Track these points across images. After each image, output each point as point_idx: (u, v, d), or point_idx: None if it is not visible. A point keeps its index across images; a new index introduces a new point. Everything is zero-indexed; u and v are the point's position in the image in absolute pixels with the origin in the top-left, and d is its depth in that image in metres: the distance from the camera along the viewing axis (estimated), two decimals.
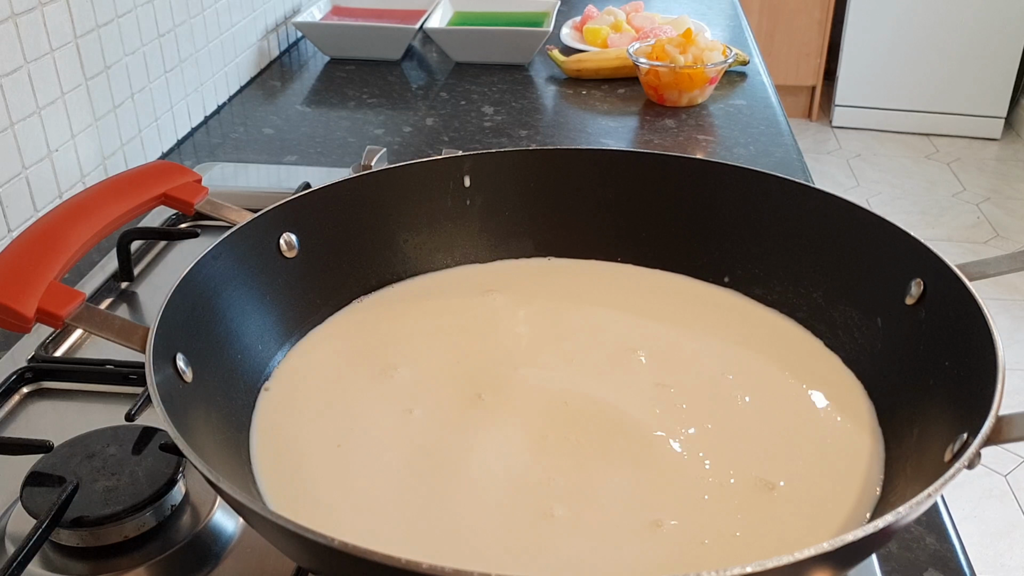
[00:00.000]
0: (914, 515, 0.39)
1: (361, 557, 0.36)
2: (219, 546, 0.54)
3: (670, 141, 1.14)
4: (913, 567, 0.54)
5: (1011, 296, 2.50)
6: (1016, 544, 1.79)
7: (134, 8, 1.01)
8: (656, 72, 1.21)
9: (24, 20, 0.83)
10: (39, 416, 0.66)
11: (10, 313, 0.49)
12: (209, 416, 0.52)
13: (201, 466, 0.41)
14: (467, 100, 1.27)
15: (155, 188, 0.61)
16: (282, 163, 1.09)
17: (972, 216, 2.91)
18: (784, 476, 0.52)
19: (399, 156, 1.09)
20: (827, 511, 0.50)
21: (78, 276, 0.83)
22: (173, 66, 1.12)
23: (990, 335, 0.48)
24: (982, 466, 0.37)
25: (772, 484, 0.51)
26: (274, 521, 0.38)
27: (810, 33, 3.37)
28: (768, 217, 0.67)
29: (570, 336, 0.65)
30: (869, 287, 0.61)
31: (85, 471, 0.54)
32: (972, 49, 3.19)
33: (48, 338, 0.72)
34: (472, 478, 0.52)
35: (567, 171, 0.71)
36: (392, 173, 0.68)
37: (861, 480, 0.52)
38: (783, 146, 1.12)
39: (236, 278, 0.59)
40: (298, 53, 1.50)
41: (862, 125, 3.48)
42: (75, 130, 0.92)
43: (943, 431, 0.48)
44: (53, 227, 0.55)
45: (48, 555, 0.53)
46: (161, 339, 0.49)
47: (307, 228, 0.64)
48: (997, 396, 0.44)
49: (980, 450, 0.41)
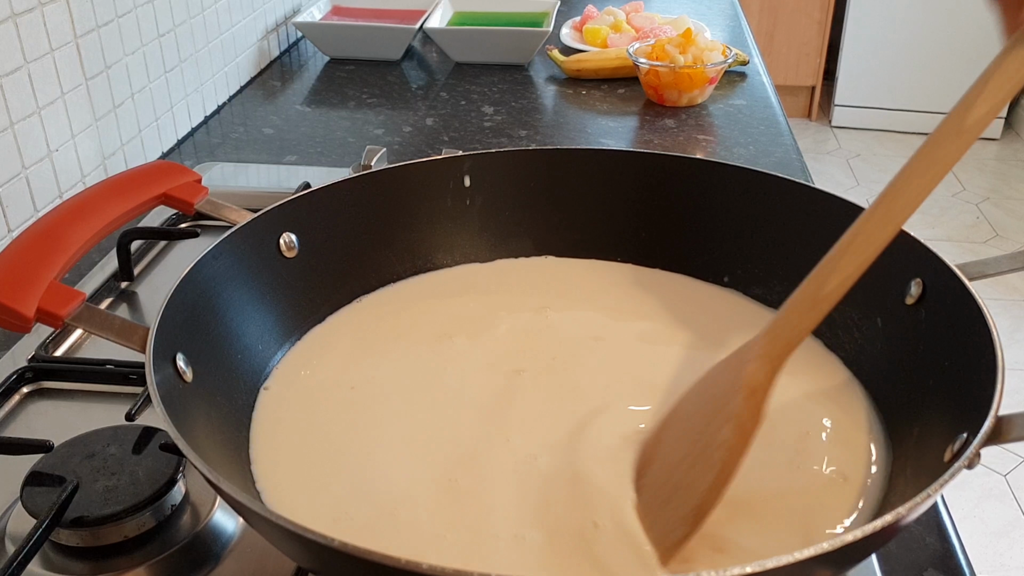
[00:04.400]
0: (914, 515, 0.39)
1: (361, 557, 0.36)
2: (219, 546, 0.54)
3: (670, 141, 1.14)
4: (913, 567, 0.54)
5: (1011, 296, 2.50)
6: (1016, 544, 1.79)
7: (134, 8, 1.01)
8: (656, 72, 1.21)
9: (24, 20, 0.83)
10: (39, 416, 0.66)
11: (10, 313, 0.49)
12: (209, 416, 0.52)
13: (201, 466, 0.41)
14: (467, 100, 1.27)
15: (155, 188, 0.61)
16: (282, 163, 1.09)
17: (972, 216, 2.91)
18: (784, 475, 0.52)
19: (399, 156, 1.09)
20: (827, 511, 0.50)
21: (78, 276, 0.83)
22: (173, 66, 1.12)
23: (990, 335, 0.48)
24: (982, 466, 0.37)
25: (772, 483, 0.51)
26: (274, 521, 0.38)
27: (810, 33, 3.37)
28: (768, 217, 0.67)
29: (568, 335, 0.65)
30: (869, 287, 0.60)
31: (85, 471, 0.54)
32: (972, 49, 3.19)
33: (48, 338, 0.72)
34: (473, 478, 0.52)
35: (567, 171, 0.71)
36: (392, 173, 0.68)
37: (861, 480, 0.52)
38: (783, 146, 1.12)
39: (236, 278, 0.59)
40: (298, 53, 1.50)
41: (862, 125, 3.48)
42: (75, 130, 0.92)
43: (943, 431, 0.48)
44: (53, 227, 0.55)
45: (48, 555, 0.53)
46: (161, 339, 0.49)
47: (307, 228, 0.64)
48: (997, 396, 0.44)
49: (980, 450, 0.41)
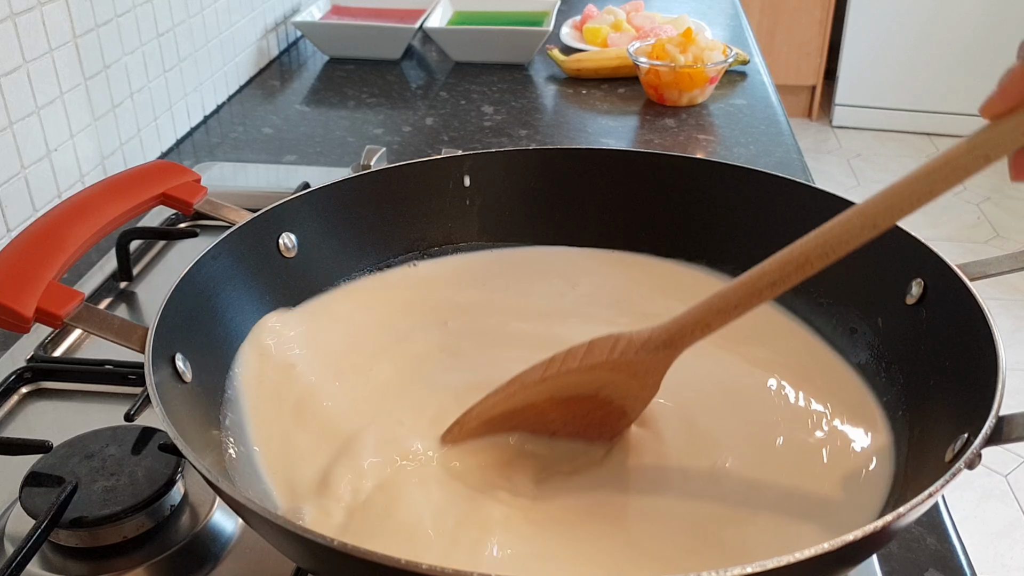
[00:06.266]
0: (915, 515, 0.39)
1: (360, 557, 0.35)
2: (218, 546, 0.54)
3: (670, 141, 1.14)
4: (914, 567, 0.53)
5: (1012, 296, 2.50)
6: (1017, 544, 1.79)
7: (133, 8, 1.01)
8: (656, 71, 1.21)
9: (23, 20, 0.83)
10: (38, 416, 0.66)
11: (9, 313, 0.49)
12: (209, 416, 0.52)
13: (200, 466, 0.41)
14: (467, 100, 1.27)
15: (154, 188, 0.61)
16: (281, 163, 1.09)
17: (972, 216, 2.91)
18: (783, 475, 0.52)
19: (399, 156, 1.09)
20: (826, 511, 0.50)
21: (77, 276, 0.83)
22: (172, 66, 1.12)
23: (991, 335, 0.48)
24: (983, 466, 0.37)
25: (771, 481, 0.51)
26: (273, 521, 0.38)
27: (810, 32, 3.37)
28: (768, 217, 0.67)
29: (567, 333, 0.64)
30: (869, 287, 0.61)
31: (84, 471, 0.54)
32: (972, 49, 3.19)
33: (47, 338, 0.72)
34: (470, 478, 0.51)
35: (567, 171, 0.71)
36: (391, 173, 0.68)
37: (861, 480, 0.52)
38: (783, 146, 1.12)
39: (235, 278, 0.59)
40: (297, 53, 1.49)
41: (862, 125, 3.48)
42: (74, 130, 0.92)
43: (944, 431, 0.48)
44: (52, 227, 0.55)
45: (47, 555, 0.53)
46: (160, 339, 0.49)
47: (306, 228, 0.64)
48: (998, 396, 0.44)
49: (981, 450, 0.41)
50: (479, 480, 0.51)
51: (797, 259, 0.46)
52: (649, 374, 0.50)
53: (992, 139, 0.42)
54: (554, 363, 0.51)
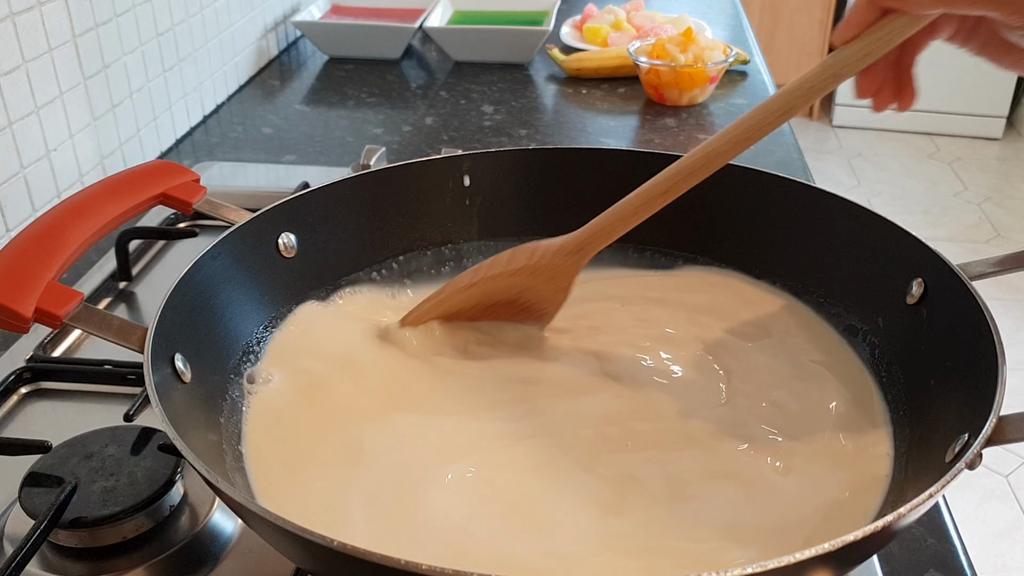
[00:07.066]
0: (915, 515, 0.39)
1: (360, 558, 0.35)
2: (218, 547, 0.54)
3: (671, 140, 1.14)
4: (914, 567, 0.53)
5: (1012, 296, 2.50)
6: (1017, 544, 1.79)
7: (133, 7, 1.01)
8: (656, 71, 1.21)
9: (22, 19, 0.83)
10: (37, 416, 0.66)
11: (8, 313, 0.49)
12: (208, 416, 0.52)
13: (200, 467, 0.41)
14: (467, 99, 1.27)
15: (153, 187, 0.61)
16: (281, 162, 1.09)
17: (973, 216, 2.91)
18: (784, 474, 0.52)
19: (398, 155, 1.09)
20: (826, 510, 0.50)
21: (76, 276, 0.83)
22: (172, 65, 1.11)
23: (991, 335, 0.48)
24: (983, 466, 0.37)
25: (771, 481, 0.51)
26: (273, 522, 0.38)
27: (811, 32, 3.37)
28: (768, 216, 0.67)
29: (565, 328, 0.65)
30: (870, 287, 0.61)
31: (83, 472, 0.54)
32: None
33: (46, 338, 0.72)
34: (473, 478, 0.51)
35: (567, 170, 0.71)
36: (391, 173, 0.68)
37: (861, 480, 0.51)
38: (784, 145, 1.11)
39: (235, 278, 0.59)
40: (297, 52, 1.49)
41: (863, 124, 3.48)
42: (73, 129, 0.92)
43: (944, 431, 0.48)
44: (51, 227, 0.55)
45: (46, 556, 0.53)
46: (159, 339, 0.49)
47: (306, 228, 0.64)
48: (998, 396, 0.44)
49: (981, 450, 0.41)
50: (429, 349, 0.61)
51: (684, 171, 0.55)
52: (563, 277, 0.60)
53: (840, 61, 0.50)
54: (481, 269, 0.60)
